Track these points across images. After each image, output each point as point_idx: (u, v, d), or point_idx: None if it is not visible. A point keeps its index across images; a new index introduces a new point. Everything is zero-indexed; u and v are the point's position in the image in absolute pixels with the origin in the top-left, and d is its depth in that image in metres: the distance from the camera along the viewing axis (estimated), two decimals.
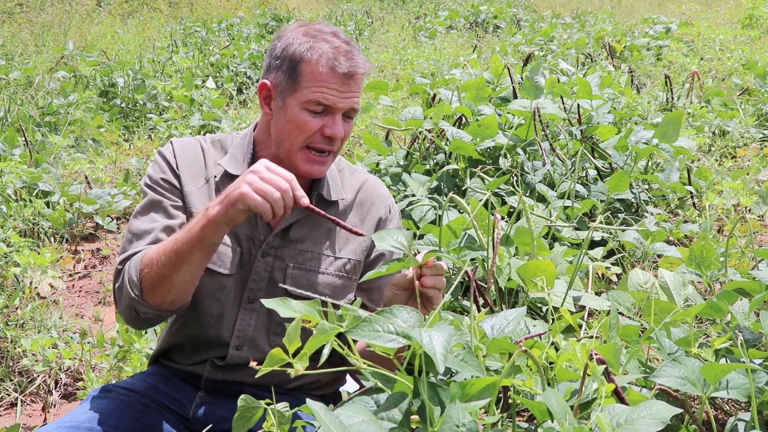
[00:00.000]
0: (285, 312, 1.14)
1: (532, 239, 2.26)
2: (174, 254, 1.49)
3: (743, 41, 8.46)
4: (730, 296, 1.85)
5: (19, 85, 6.20)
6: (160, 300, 1.55)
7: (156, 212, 1.66)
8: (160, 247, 1.53)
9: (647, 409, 1.14)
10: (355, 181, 1.82)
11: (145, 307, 1.56)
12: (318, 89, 1.60)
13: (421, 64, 7.75)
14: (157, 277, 1.52)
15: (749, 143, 4.60)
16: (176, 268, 1.50)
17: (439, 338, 1.04)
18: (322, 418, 0.96)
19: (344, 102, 1.62)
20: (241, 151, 1.74)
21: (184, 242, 1.48)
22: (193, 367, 1.74)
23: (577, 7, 13.17)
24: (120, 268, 1.60)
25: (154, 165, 1.73)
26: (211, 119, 5.59)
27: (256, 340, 1.69)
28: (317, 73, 1.60)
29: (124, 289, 1.56)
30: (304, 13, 12.81)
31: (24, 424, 2.38)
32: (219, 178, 1.72)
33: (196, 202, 1.69)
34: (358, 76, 1.63)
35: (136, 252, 1.60)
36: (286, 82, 1.63)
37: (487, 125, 3.31)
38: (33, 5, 10.51)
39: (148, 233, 1.63)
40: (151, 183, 1.70)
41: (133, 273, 1.55)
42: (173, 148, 1.73)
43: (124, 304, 1.58)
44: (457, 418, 1.01)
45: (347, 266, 1.75)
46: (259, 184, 1.41)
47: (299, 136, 1.63)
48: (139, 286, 1.54)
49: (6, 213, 3.56)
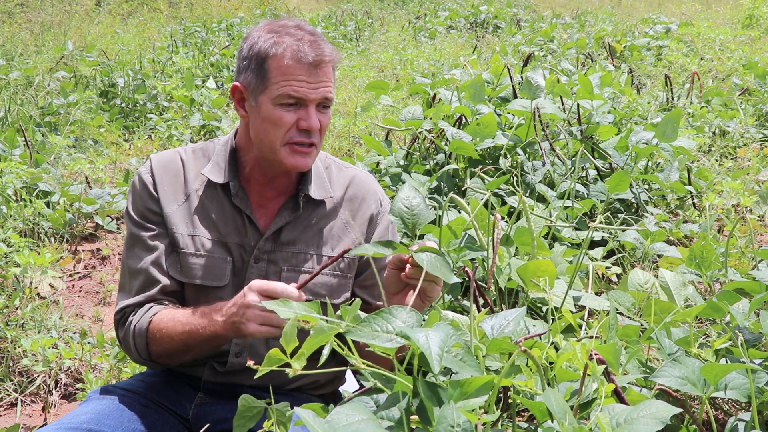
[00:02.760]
0: (285, 313, 1.14)
1: (532, 239, 2.26)
2: (184, 347, 1.60)
3: (743, 41, 8.45)
4: (730, 296, 1.85)
5: (19, 85, 6.20)
6: (169, 363, 1.70)
7: (140, 249, 1.70)
8: (165, 327, 1.60)
9: (647, 409, 1.14)
10: (343, 177, 1.80)
11: (153, 364, 1.70)
12: (286, 83, 1.59)
13: (421, 64, 7.75)
14: (165, 353, 1.64)
15: (749, 143, 4.60)
16: (186, 353, 1.63)
17: (435, 338, 1.04)
18: (312, 425, 0.97)
19: (315, 93, 1.60)
20: (223, 158, 1.72)
21: (192, 340, 1.58)
22: (192, 370, 1.74)
23: (577, 7, 13.16)
24: (118, 318, 1.69)
25: (133, 192, 1.74)
26: (211, 119, 5.59)
27: (256, 346, 1.69)
28: (283, 66, 1.59)
29: (132, 351, 1.67)
30: (304, 13, 12.81)
31: (24, 424, 2.38)
32: (203, 188, 1.71)
33: (178, 222, 1.69)
34: (326, 65, 1.61)
35: (129, 305, 1.67)
36: (255, 81, 1.62)
37: (487, 125, 3.31)
38: (33, 5, 10.51)
39: (140, 273, 1.68)
40: (130, 213, 1.72)
41: (140, 342, 1.64)
42: (152, 168, 1.73)
43: (131, 356, 1.71)
44: (452, 418, 1.01)
45: (341, 265, 1.74)
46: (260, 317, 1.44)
47: (276, 132, 1.62)
48: (147, 355, 1.66)
49: (6, 213, 3.56)
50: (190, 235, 1.68)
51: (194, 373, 1.73)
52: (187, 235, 1.68)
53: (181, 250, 1.68)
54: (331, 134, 5.38)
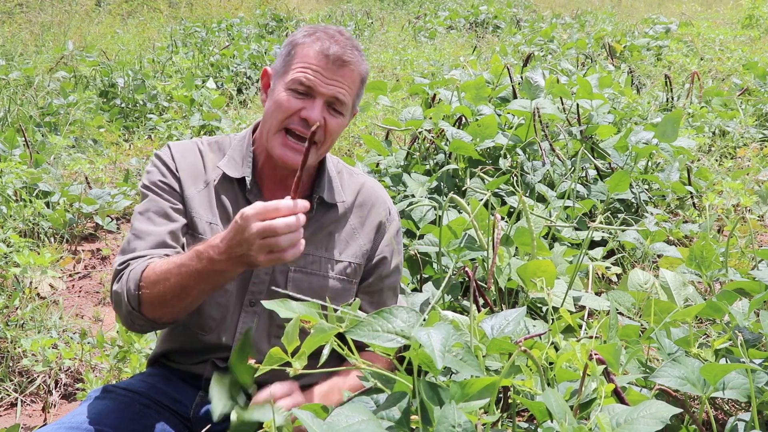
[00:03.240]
0: (285, 313, 1.14)
1: (532, 239, 2.26)
2: (180, 289, 1.48)
3: (743, 41, 8.45)
4: (730, 296, 1.85)
5: (19, 85, 6.20)
6: (157, 316, 1.55)
7: (157, 215, 1.64)
8: (161, 269, 1.50)
9: (647, 409, 1.14)
10: (354, 183, 1.81)
11: (141, 320, 1.56)
12: (302, 69, 1.60)
13: (421, 65, 7.75)
14: (157, 300, 1.51)
15: (749, 143, 4.60)
16: (181, 299, 1.50)
17: (437, 336, 1.04)
18: (311, 426, 0.97)
19: (326, 87, 1.60)
20: (239, 153, 1.73)
21: (190, 281, 1.47)
22: (194, 367, 1.73)
23: (577, 7, 13.16)
24: (119, 269, 1.59)
25: (152, 167, 1.71)
26: (211, 119, 5.59)
27: (258, 343, 1.69)
28: (305, 54, 1.60)
29: (122, 300, 1.55)
30: (304, 13, 12.80)
31: (24, 424, 2.38)
32: (218, 181, 1.71)
33: (197, 206, 1.68)
34: (346, 66, 1.61)
35: (137, 256, 1.58)
36: (280, 67, 1.65)
37: (487, 125, 3.31)
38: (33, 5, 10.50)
39: (150, 235, 1.61)
40: (149, 185, 1.68)
41: (131, 286, 1.53)
42: (171, 152, 1.72)
43: (121, 311, 1.59)
44: (453, 418, 1.01)
45: (348, 270, 1.74)
46: (266, 244, 1.36)
47: (277, 115, 1.62)
48: (138, 302, 1.53)
49: (6, 213, 3.56)
50: (209, 222, 1.67)
51: (195, 372, 1.73)
52: (206, 222, 1.67)
53: (199, 235, 1.66)
54: None
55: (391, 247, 1.81)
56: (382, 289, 1.79)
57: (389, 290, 1.81)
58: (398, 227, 1.85)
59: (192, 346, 1.72)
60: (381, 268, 1.78)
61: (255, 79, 7.74)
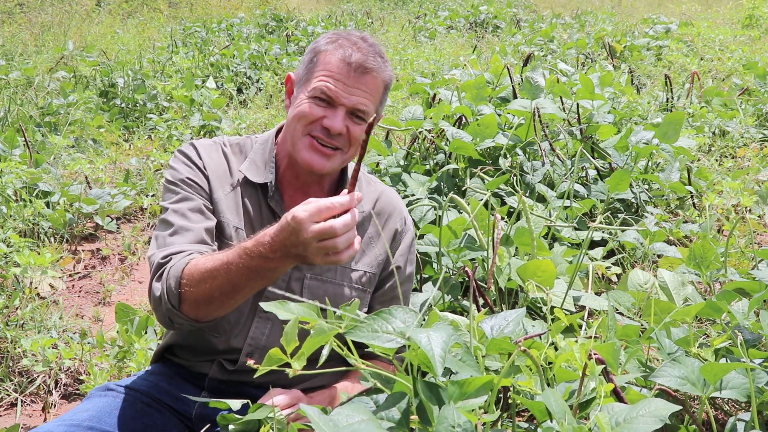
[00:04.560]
0: (283, 314, 1.14)
1: (532, 239, 2.26)
2: (230, 287, 1.43)
3: (743, 41, 8.45)
4: (730, 296, 1.85)
5: (19, 85, 6.20)
6: (201, 315, 1.50)
7: (192, 212, 1.60)
8: (205, 268, 1.44)
9: (646, 408, 1.14)
10: (372, 191, 1.80)
11: (181, 319, 1.51)
12: (325, 78, 1.59)
13: (421, 64, 7.75)
14: (203, 298, 1.46)
15: (749, 143, 4.60)
16: (231, 297, 1.45)
17: (437, 339, 1.04)
18: (317, 423, 0.97)
19: (348, 98, 1.59)
20: (261, 157, 1.71)
21: (242, 279, 1.41)
22: (199, 365, 1.73)
23: (577, 7, 13.16)
24: (162, 262, 1.52)
25: (179, 163, 1.67)
26: (211, 119, 5.59)
27: (270, 348, 1.68)
28: (328, 62, 1.59)
29: (162, 298, 1.50)
30: (304, 13, 12.80)
31: (24, 424, 2.38)
32: (242, 184, 1.69)
33: (225, 209, 1.65)
34: (369, 74, 1.59)
35: (178, 251, 1.53)
36: (303, 73, 1.64)
37: (487, 125, 3.31)
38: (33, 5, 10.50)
39: (189, 231, 1.57)
40: (178, 181, 1.64)
41: (172, 283, 1.48)
42: (197, 150, 1.69)
43: (159, 311, 1.53)
44: (452, 418, 1.01)
45: (363, 278, 1.74)
46: (323, 247, 1.33)
47: (300, 122, 1.61)
48: (178, 300, 1.48)
49: (6, 213, 3.56)
50: (235, 227, 1.65)
51: (201, 370, 1.73)
52: (233, 226, 1.65)
53: (226, 240, 1.63)
54: None
55: (405, 257, 1.81)
56: (394, 297, 1.80)
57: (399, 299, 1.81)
58: (413, 237, 1.85)
59: (201, 345, 1.72)
60: (394, 277, 1.79)
61: (255, 79, 7.74)
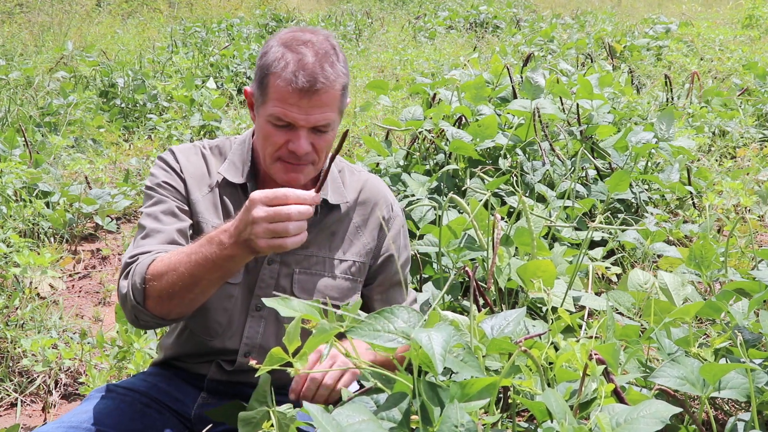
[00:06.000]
0: (286, 312, 1.14)
1: (532, 239, 2.27)
2: (189, 278, 1.45)
3: (743, 41, 8.46)
4: (730, 296, 1.85)
5: (19, 85, 6.20)
6: (164, 311, 1.52)
7: (165, 214, 1.63)
8: (169, 261, 1.48)
9: (647, 409, 1.14)
10: (356, 181, 1.80)
11: (146, 315, 1.53)
12: (279, 105, 1.56)
13: (421, 64, 7.75)
14: (165, 293, 1.48)
15: (749, 143, 4.60)
16: (189, 290, 1.47)
17: (438, 338, 1.04)
18: (319, 421, 0.97)
19: (306, 119, 1.56)
20: (239, 157, 1.72)
21: (200, 269, 1.44)
22: (197, 366, 1.74)
23: (577, 7, 13.16)
24: (129, 262, 1.56)
25: (157, 169, 1.70)
26: (211, 119, 5.59)
27: (266, 347, 1.69)
28: (278, 87, 1.55)
29: (128, 295, 1.53)
30: (304, 13, 12.80)
31: (24, 424, 2.38)
32: (222, 186, 1.70)
33: (203, 210, 1.67)
34: (322, 92, 1.55)
35: (146, 251, 1.56)
36: (258, 93, 1.62)
37: (487, 125, 3.31)
38: (33, 5, 10.50)
39: (160, 233, 1.60)
40: (154, 186, 1.67)
41: (137, 279, 1.51)
42: (175, 155, 1.71)
43: (126, 308, 1.56)
44: (456, 418, 1.01)
45: (352, 268, 1.74)
46: (270, 229, 1.34)
47: (268, 148, 1.61)
48: (143, 296, 1.51)
49: (6, 213, 3.56)
50: (214, 227, 1.64)
51: (199, 371, 1.73)
52: (212, 226, 1.66)
53: None
54: None
55: (398, 243, 1.80)
56: (393, 285, 1.79)
57: (398, 286, 1.81)
58: (403, 223, 1.84)
59: (197, 350, 1.72)
60: (389, 265, 1.78)
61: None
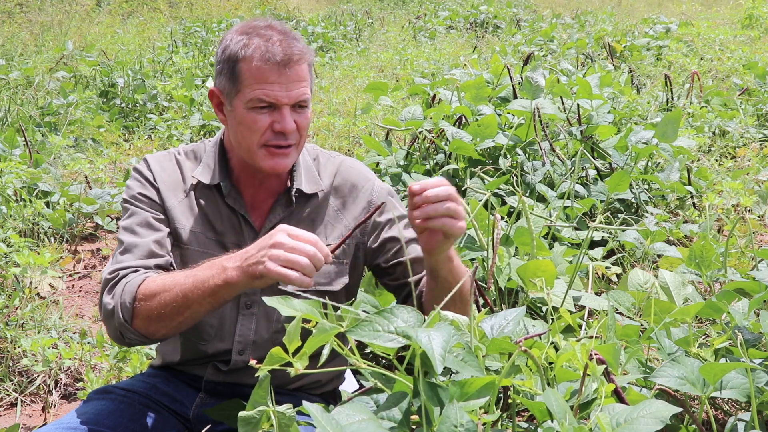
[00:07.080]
0: (286, 311, 1.14)
1: (532, 239, 2.26)
2: (182, 300, 1.46)
3: (743, 41, 8.45)
4: (730, 296, 1.85)
5: (19, 85, 6.20)
6: (151, 331, 1.53)
7: (140, 226, 1.64)
8: (163, 282, 1.49)
9: (647, 409, 1.14)
10: (331, 165, 1.78)
11: (132, 334, 1.54)
12: (258, 86, 1.57)
13: (421, 64, 7.75)
14: (155, 313, 1.49)
15: (749, 143, 4.60)
16: (180, 313, 1.48)
17: (438, 338, 1.04)
18: (319, 421, 0.97)
19: (287, 96, 1.58)
20: (212, 159, 1.72)
21: (194, 292, 1.45)
22: (194, 368, 1.74)
23: (577, 7, 13.16)
24: (110, 278, 1.57)
25: (132, 180, 1.71)
26: (211, 119, 5.59)
27: (259, 342, 1.69)
28: (253, 69, 1.57)
29: (115, 312, 1.53)
30: (304, 13, 12.81)
31: (24, 424, 2.38)
32: (198, 189, 1.71)
33: (179, 216, 1.68)
34: (296, 63, 1.58)
35: (126, 266, 1.57)
36: (229, 85, 1.61)
37: (487, 125, 3.31)
38: (33, 5, 10.51)
39: (137, 247, 1.61)
40: (129, 198, 1.68)
41: (127, 299, 1.51)
42: (148, 164, 1.72)
43: (111, 323, 1.56)
44: (455, 418, 1.01)
45: (337, 251, 1.73)
46: (285, 257, 1.35)
47: (252, 136, 1.60)
48: (131, 315, 1.51)
49: (6, 213, 3.56)
50: (192, 231, 1.67)
51: (196, 373, 1.73)
52: (189, 231, 1.67)
53: (185, 245, 1.66)
54: (331, 134, 5.38)
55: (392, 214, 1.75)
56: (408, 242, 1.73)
57: (413, 241, 1.73)
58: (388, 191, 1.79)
59: (192, 355, 1.73)
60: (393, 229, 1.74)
61: None
